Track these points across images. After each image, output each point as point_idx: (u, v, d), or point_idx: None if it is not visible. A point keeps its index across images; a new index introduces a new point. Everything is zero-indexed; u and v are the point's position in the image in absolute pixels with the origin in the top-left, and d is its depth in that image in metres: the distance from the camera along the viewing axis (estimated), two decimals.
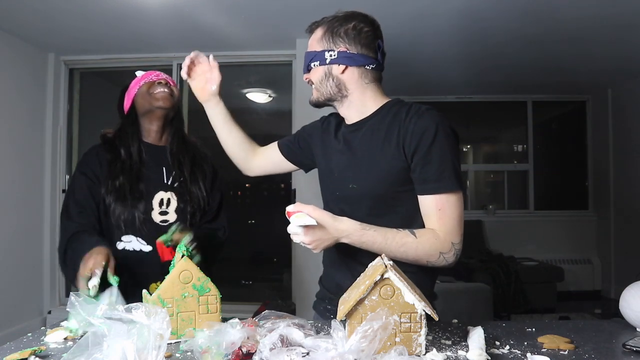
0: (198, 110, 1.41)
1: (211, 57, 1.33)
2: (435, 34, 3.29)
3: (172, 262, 1.00)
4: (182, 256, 0.94)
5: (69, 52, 3.70)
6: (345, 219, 1.00)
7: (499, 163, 5.73)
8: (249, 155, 1.38)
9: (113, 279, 1.10)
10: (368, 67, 1.13)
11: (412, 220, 1.09)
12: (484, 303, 2.91)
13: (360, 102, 1.16)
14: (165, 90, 1.42)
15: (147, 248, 1.37)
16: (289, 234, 0.99)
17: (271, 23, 3.13)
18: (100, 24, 3.11)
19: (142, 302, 0.88)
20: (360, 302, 0.80)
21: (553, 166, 5.39)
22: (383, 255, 0.90)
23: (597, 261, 5.02)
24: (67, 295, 3.68)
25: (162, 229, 1.35)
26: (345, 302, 0.82)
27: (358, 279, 0.90)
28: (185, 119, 3.91)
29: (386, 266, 0.80)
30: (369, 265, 0.90)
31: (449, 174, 1.04)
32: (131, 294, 1.01)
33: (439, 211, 1.04)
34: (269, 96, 4.48)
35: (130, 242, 1.37)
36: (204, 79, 1.33)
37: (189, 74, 1.32)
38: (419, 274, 1.08)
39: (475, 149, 6.03)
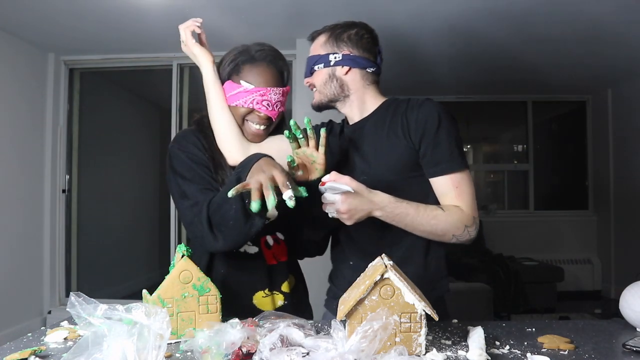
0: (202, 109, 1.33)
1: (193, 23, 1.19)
2: (435, 34, 3.29)
3: (172, 263, 0.99)
4: (182, 256, 0.94)
5: (69, 52, 3.70)
6: (379, 192, 1.03)
7: (499, 163, 5.73)
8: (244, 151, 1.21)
9: (302, 189, 0.98)
10: (369, 70, 1.22)
11: None
12: (484, 303, 2.91)
13: (361, 101, 1.24)
14: (262, 128, 1.22)
15: (253, 249, 1.23)
16: (324, 205, 1.00)
17: (271, 23, 3.13)
18: (100, 24, 3.11)
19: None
20: (360, 302, 0.80)
21: (553, 166, 5.39)
22: (383, 255, 0.90)
23: (597, 261, 5.02)
24: (67, 295, 3.68)
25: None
26: (345, 302, 0.82)
27: (358, 279, 0.90)
28: (184, 120, 3.89)
29: (386, 266, 0.80)
30: (369, 265, 0.90)
31: (457, 153, 1.11)
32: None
33: (457, 189, 1.10)
34: None
35: None
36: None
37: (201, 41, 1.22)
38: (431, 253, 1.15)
39: (475, 149, 6.02)
